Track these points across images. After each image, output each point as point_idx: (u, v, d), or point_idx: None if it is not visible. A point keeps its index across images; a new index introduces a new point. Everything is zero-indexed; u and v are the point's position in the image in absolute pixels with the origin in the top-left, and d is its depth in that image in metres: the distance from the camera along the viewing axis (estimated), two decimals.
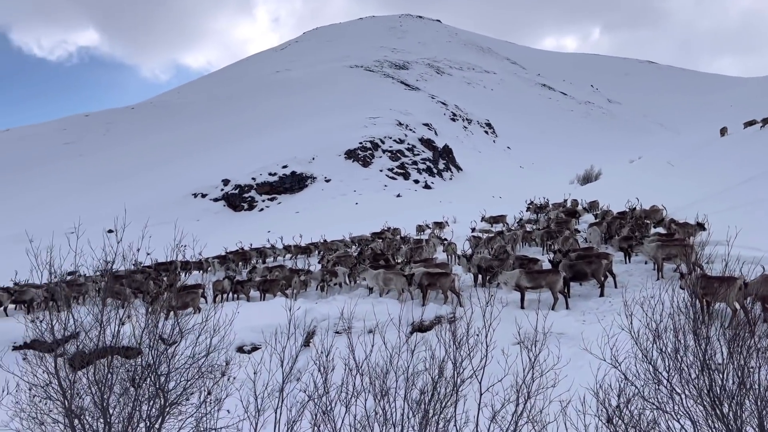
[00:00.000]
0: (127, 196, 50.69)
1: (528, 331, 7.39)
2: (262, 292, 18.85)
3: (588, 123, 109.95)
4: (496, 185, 59.40)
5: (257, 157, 62.19)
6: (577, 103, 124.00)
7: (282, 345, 6.89)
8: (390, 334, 7.39)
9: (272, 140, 69.87)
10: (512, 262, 16.41)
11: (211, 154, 69.70)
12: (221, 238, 36.15)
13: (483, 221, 31.43)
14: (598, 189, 37.58)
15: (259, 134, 75.94)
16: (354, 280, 19.08)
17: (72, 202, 56.30)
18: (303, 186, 57.91)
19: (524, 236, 22.98)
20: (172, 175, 63.41)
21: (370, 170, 61.44)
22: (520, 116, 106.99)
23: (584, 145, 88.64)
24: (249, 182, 56.89)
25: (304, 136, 68.85)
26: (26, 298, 17.70)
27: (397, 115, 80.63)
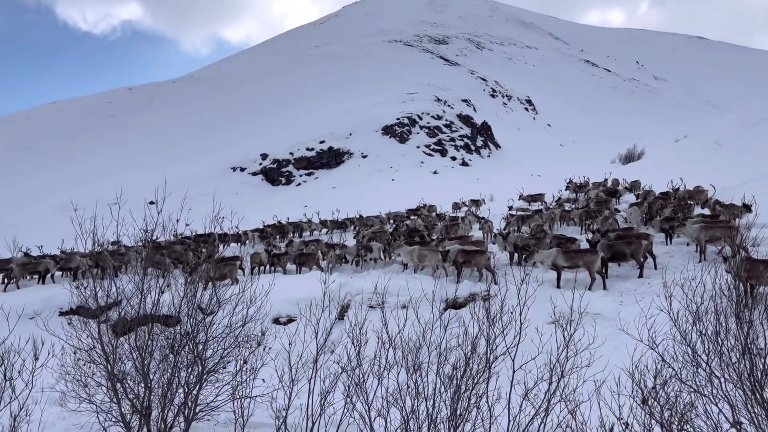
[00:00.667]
0: (168, 168, 51.71)
1: (563, 311, 7.32)
2: (298, 265, 19.09)
3: (632, 101, 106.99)
4: (535, 163, 58.48)
5: (295, 131, 62.57)
6: (622, 81, 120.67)
7: (317, 317, 6.98)
8: (423, 310, 7.40)
9: (310, 115, 70.17)
10: (549, 241, 16.22)
11: (250, 128, 70.43)
12: (259, 212, 36.63)
13: (520, 200, 31.06)
14: (640, 168, 36.61)
15: (297, 109, 76.31)
16: (389, 256, 19.16)
17: (115, 173, 57.74)
18: (340, 161, 58.06)
19: (562, 215, 22.66)
20: (212, 148, 64.37)
21: (407, 146, 61.19)
22: (562, 93, 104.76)
23: (627, 124, 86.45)
24: (287, 157, 57.33)
25: (341, 111, 68.89)
26: (72, 265, 18.31)
27: (435, 90, 79.84)
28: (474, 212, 27.12)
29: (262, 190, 53.32)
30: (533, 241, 15.91)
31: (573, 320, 6.56)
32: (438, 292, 11.63)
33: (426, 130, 64.33)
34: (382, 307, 7.34)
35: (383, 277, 9.96)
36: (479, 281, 14.41)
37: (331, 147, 58.85)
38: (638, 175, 30.88)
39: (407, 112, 66.50)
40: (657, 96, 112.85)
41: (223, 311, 8.10)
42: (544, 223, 20.16)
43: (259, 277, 11.38)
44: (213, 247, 17.16)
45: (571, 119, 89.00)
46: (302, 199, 46.09)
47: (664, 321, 6.57)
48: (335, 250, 18.84)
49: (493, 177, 51.65)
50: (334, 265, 19.04)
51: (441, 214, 27.64)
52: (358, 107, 69.79)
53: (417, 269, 16.59)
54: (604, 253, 13.60)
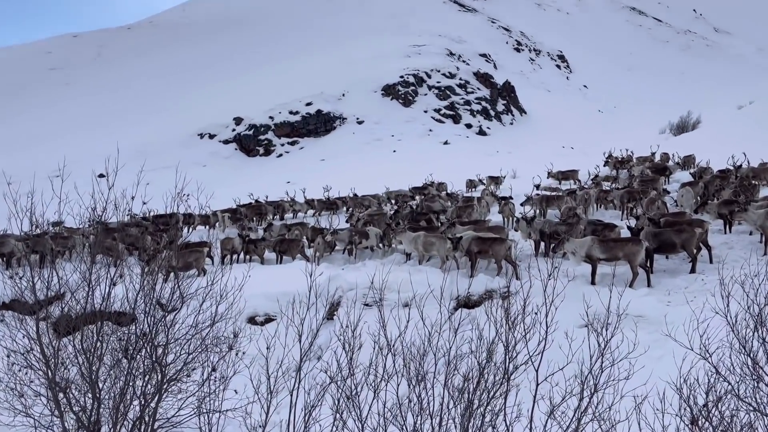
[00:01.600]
0: (121, 134, 51.49)
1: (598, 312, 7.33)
2: (278, 253, 19.16)
3: (687, 58, 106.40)
4: (567, 133, 58.37)
5: (276, 91, 62.32)
6: (675, 33, 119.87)
7: (300, 317, 7.00)
8: (430, 309, 7.42)
9: (294, 71, 69.81)
10: (583, 227, 16.26)
11: (222, 87, 70.10)
12: (232, 188, 36.57)
13: (549, 177, 31.07)
14: (695, 140, 36.53)
15: (278, 63, 75.91)
16: (388, 244, 19.20)
17: (57, 138, 57.57)
18: (330, 128, 57.97)
19: (600, 197, 22.69)
20: (175, 110, 64.16)
21: (412, 111, 61.05)
22: (602, 48, 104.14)
23: (681, 86, 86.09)
24: (266, 122, 57.20)
25: (332, 67, 68.56)
26: (5, 250, 18.30)
27: (447, 43, 79.39)
28: (492, 192, 27.14)
29: (235, 162, 53.28)
30: (564, 228, 15.95)
31: (610, 323, 6.59)
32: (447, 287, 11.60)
33: (435, 90, 64.15)
34: (379, 305, 7.35)
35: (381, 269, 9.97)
36: (497, 275, 14.48)
37: (319, 110, 58.70)
38: (692, 148, 30.84)
39: (413, 69, 66.23)
40: (718, 52, 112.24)
41: (187, 308, 8.14)
42: (577, 206, 20.19)
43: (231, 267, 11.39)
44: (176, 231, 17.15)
45: (611, 80, 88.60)
46: (284, 174, 46.00)
47: (720, 326, 6.59)
48: (324, 236, 18.88)
49: (516, 149, 51.59)
50: (322, 253, 19.09)
51: (452, 194, 27.68)
52: (352, 62, 69.46)
53: (422, 260, 16.63)
54: (649, 243, 13.64)
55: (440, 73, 66.56)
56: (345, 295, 13.31)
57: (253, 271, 9.69)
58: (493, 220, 21.27)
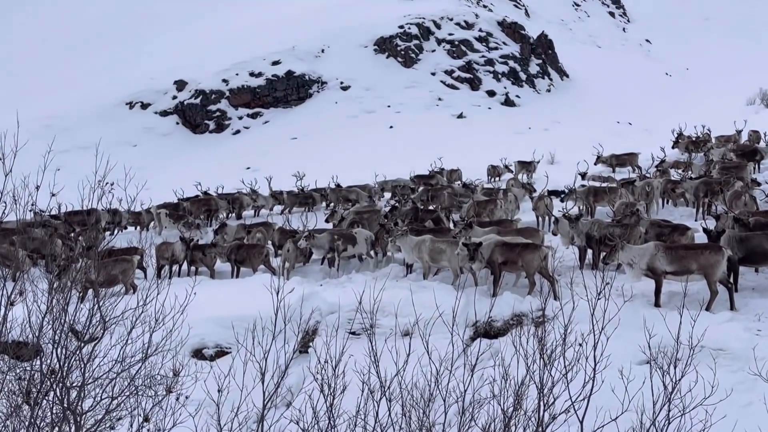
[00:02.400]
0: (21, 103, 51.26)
1: (665, 343, 7.37)
2: (234, 263, 19.11)
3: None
4: (623, 104, 58.40)
5: (232, 45, 62.13)
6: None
7: (264, 349, 6.99)
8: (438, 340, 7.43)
9: (255, 17, 69.59)
10: (645, 230, 16.27)
11: (158, 39, 69.87)
12: (172, 176, 36.56)
13: (599, 162, 31.15)
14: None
15: (234, 7, 75.70)
16: (383, 251, 19.18)
17: None
18: (305, 96, 57.89)
19: (666, 189, 22.72)
20: (94, 71, 63.95)
21: (415, 73, 60.99)
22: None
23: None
24: (218, 87, 57.07)
25: (308, 13, 68.39)
26: None
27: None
28: (523, 182, 27.16)
29: (177, 141, 53.16)
30: (618, 231, 15.96)
31: (680, 359, 6.61)
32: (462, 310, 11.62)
33: (447, 46, 64.10)
34: (370, 333, 7.35)
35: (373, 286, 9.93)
36: (529, 294, 14.47)
37: (290, 72, 58.59)
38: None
39: (416, 16, 66.16)
40: None
41: (111, 337, 8.10)
42: (636, 202, 20.20)
43: (170, 281, 11.34)
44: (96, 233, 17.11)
45: (683, 33, 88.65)
46: (243, 157, 45.95)
47: None
48: (295, 241, 18.85)
49: (554, 125, 51.62)
50: (293, 264, 19.06)
51: (469, 185, 27.67)
52: (335, 7, 69.26)
53: (428, 273, 16.61)
54: (733, 252, 13.65)
55: (453, 23, 66.48)
56: (324, 320, 13.28)
57: (200, 287, 9.69)
58: (523, 219, 21.27)
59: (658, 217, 19.52)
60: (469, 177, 30.40)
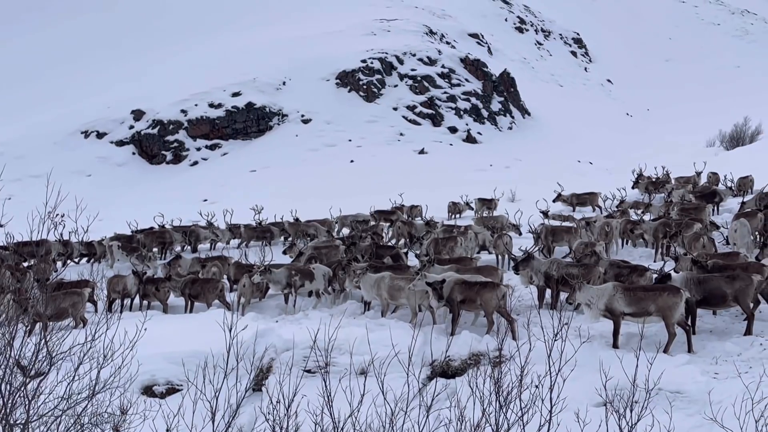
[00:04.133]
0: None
1: (622, 386, 7.40)
2: (188, 298, 18.92)
3: (743, 47, 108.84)
4: (584, 143, 59.12)
5: (192, 76, 62.08)
6: (729, 13, 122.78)
7: (215, 387, 6.91)
8: (394, 379, 7.42)
9: (217, 50, 69.66)
10: (603, 270, 16.36)
11: (116, 68, 69.59)
12: (126, 207, 36.27)
13: (559, 201, 31.38)
14: (754, 157, 37.32)
15: (194, 38, 75.71)
16: (341, 287, 19.11)
17: None
18: (265, 128, 57.89)
19: (626, 229, 22.93)
20: (50, 99, 63.53)
21: (377, 107, 61.29)
22: (632, 30, 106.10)
23: (735, 84, 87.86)
24: (176, 117, 56.89)
25: (269, 45, 68.55)
26: None
27: (426, 17, 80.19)
28: (484, 219, 27.26)
29: (132, 171, 52.80)
30: (577, 270, 16.05)
31: (636, 402, 6.63)
32: (419, 349, 11.64)
33: (409, 81, 64.54)
34: (325, 372, 7.31)
35: (328, 323, 9.89)
36: (488, 333, 14.45)
37: (251, 103, 58.60)
38: (751, 167, 31.44)
39: (379, 51, 66.59)
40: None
41: (57, 373, 7.98)
42: (595, 242, 20.35)
43: (121, 316, 11.21)
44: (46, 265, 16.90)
45: (644, 74, 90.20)
46: (200, 188, 45.74)
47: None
48: (252, 275, 18.74)
49: (516, 162, 52.04)
50: (249, 299, 18.93)
51: (430, 221, 27.73)
52: (297, 40, 69.54)
53: (387, 310, 16.55)
54: (691, 294, 13.77)
55: (416, 58, 66.98)
56: (278, 357, 13.17)
57: (151, 322, 9.58)
58: (483, 257, 21.33)
59: (617, 258, 19.69)
60: (430, 214, 30.48)
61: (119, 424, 8.18)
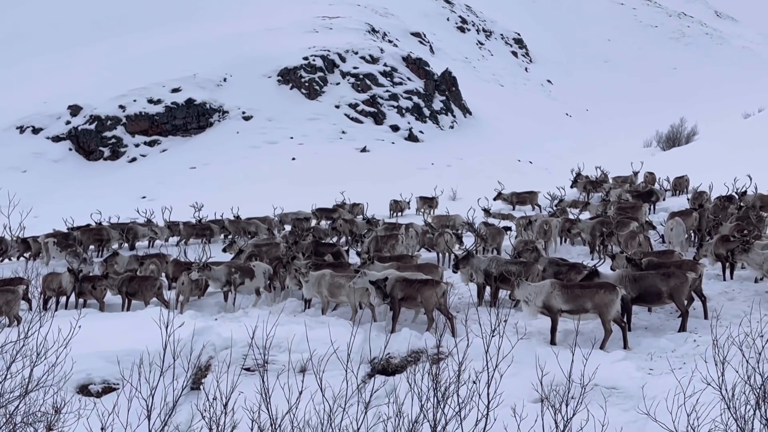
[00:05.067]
0: None
1: (558, 381, 7.47)
2: (125, 296, 18.71)
3: (681, 49, 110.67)
4: (525, 142, 59.64)
5: (130, 71, 61.24)
6: (667, 16, 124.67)
7: (151, 385, 6.85)
8: (334, 376, 7.41)
9: (157, 45, 68.85)
10: (542, 268, 16.53)
11: (52, 61, 68.43)
12: (63, 204, 35.74)
13: (500, 199, 31.62)
14: (690, 158, 38.01)
15: (134, 33, 74.78)
16: (281, 285, 19.05)
17: None
18: (206, 124, 57.38)
19: (564, 228, 23.18)
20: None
21: (319, 105, 61.10)
22: (572, 32, 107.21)
23: (672, 86, 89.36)
24: (114, 113, 56.11)
25: (210, 41, 67.96)
26: None
27: (368, 15, 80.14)
28: (425, 217, 27.36)
29: (69, 168, 51.98)
30: (516, 268, 16.18)
31: (573, 397, 6.70)
32: (359, 346, 11.67)
33: (351, 79, 64.44)
34: (263, 369, 7.28)
35: (269, 321, 9.85)
36: (428, 330, 14.50)
37: (191, 100, 58.04)
38: (686, 168, 32.01)
39: (321, 49, 66.39)
40: (720, 44, 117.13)
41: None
42: (534, 240, 20.55)
43: (55, 313, 11.05)
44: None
45: (584, 74, 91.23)
46: (138, 185, 45.25)
47: (714, 401, 6.82)
48: (190, 273, 18.60)
49: (457, 161, 52.30)
50: (187, 297, 18.77)
51: (371, 219, 27.77)
52: (239, 36, 69.00)
53: (327, 308, 16.54)
54: (626, 291, 13.97)
55: (358, 56, 66.89)
56: (217, 355, 13.09)
57: (87, 320, 9.43)
58: (423, 255, 21.42)
59: (556, 255, 19.91)
60: (371, 212, 30.54)
61: (53, 422, 8.08)
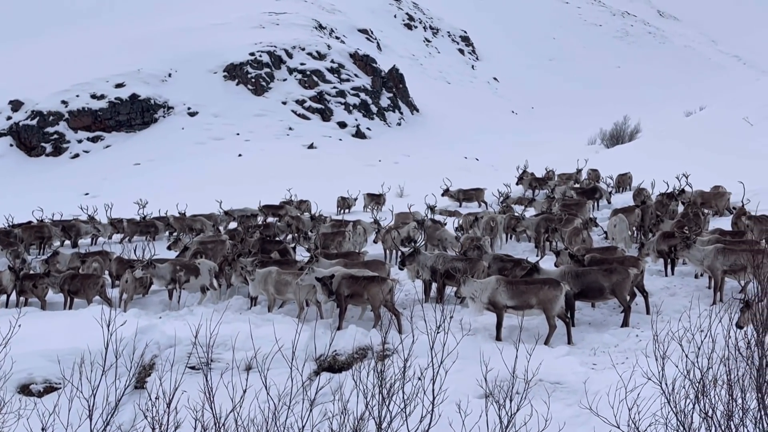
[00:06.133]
0: None
1: (503, 377, 7.52)
2: (67, 294, 18.48)
3: (624, 47, 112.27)
4: (471, 139, 60.03)
5: (73, 65, 60.49)
6: (610, 15, 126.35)
7: (92, 385, 6.77)
8: (280, 374, 7.38)
9: (99, 38, 68.03)
10: (487, 264, 16.64)
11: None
12: (3, 201, 35.18)
13: (447, 196, 31.76)
14: (633, 155, 38.51)
15: (76, 25, 73.80)
16: (227, 282, 18.94)
17: None
18: (150, 120, 56.94)
19: (510, 224, 23.34)
20: None
21: (266, 101, 60.91)
22: (517, 30, 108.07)
23: (616, 84, 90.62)
24: (56, 108, 55.43)
25: (155, 36, 67.33)
26: None
27: (315, 12, 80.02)
28: (373, 214, 27.39)
29: (9, 164, 51.29)
30: (462, 265, 16.27)
31: (517, 393, 6.76)
32: (305, 344, 11.65)
33: (298, 75, 64.35)
34: (207, 368, 7.23)
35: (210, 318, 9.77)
36: (375, 327, 14.53)
37: (135, 95, 57.53)
38: (629, 165, 32.48)
39: (268, 45, 66.18)
40: (662, 43, 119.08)
41: None
42: (480, 236, 20.66)
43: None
44: None
45: (529, 72, 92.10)
46: (81, 182, 44.79)
47: (654, 395, 6.92)
48: (134, 271, 18.42)
49: (404, 158, 52.46)
50: (131, 295, 18.60)
51: (318, 216, 27.72)
52: (184, 31, 68.48)
53: (273, 305, 16.50)
54: (570, 287, 14.12)
55: (305, 53, 66.81)
56: (161, 353, 12.98)
57: (26, 318, 9.29)
58: (370, 252, 21.45)
59: (501, 252, 20.06)
60: (319, 209, 30.49)
61: None
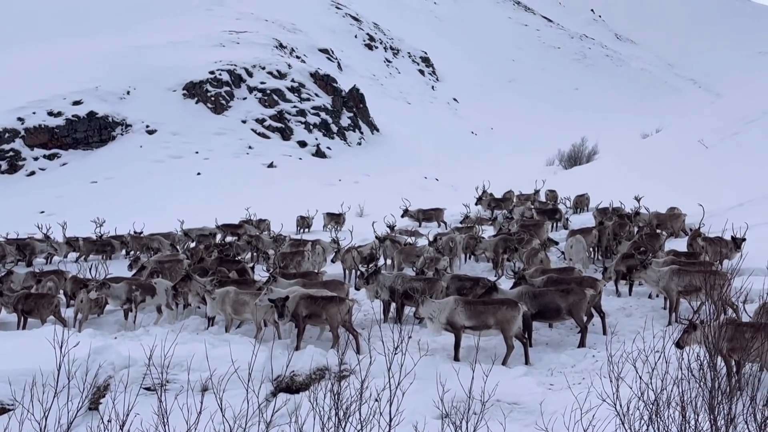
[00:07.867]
0: None
1: (460, 398, 7.54)
2: (21, 314, 18.23)
3: (582, 70, 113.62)
4: (431, 159, 60.27)
5: (29, 82, 59.77)
6: (568, 37, 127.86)
7: (44, 407, 6.69)
8: (237, 395, 7.35)
9: (57, 56, 67.42)
10: (446, 285, 16.68)
11: None
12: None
13: (406, 216, 31.84)
14: (590, 176, 38.97)
15: (34, 43, 73.13)
16: (184, 302, 18.81)
17: None
18: (108, 138, 56.34)
19: (469, 244, 23.44)
20: None
21: (226, 119, 60.63)
22: (477, 51, 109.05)
23: (574, 105, 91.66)
24: (12, 125, 54.63)
25: (113, 53, 66.81)
26: None
27: (276, 31, 79.96)
28: (332, 234, 27.40)
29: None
30: (420, 284, 16.29)
31: (474, 413, 6.77)
32: (262, 364, 11.59)
33: (258, 94, 64.18)
34: (162, 389, 7.18)
35: (165, 339, 9.68)
36: (333, 347, 14.51)
37: (92, 112, 56.95)
38: (587, 186, 32.85)
39: (228, 63, 65.97)
40: (619, 65, 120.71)
41: None
42: (439, 256, 20.73)
43: None
44: None
45: (489, 93, 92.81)
46: (37, 200, 44.21)
47: (609, 416, 6.98)
48: (89, 290, 18.23)
49: (364, 178, 52.52)
50: (86, 315, 18.40)
51: (277, 236, 27.68)
52: (143, 49, 68.05)
53: (230, 326, 16.40)
54: (527, 307, 14.21)
55: (265, 71, 66.67)
56: (116, 374, 12.84)
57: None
58: (329, 272, 21.44)
59: (460, 272, 20.13)
60: (278, 228, 30.42)
61: None
